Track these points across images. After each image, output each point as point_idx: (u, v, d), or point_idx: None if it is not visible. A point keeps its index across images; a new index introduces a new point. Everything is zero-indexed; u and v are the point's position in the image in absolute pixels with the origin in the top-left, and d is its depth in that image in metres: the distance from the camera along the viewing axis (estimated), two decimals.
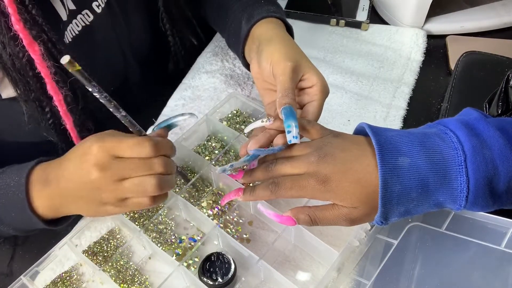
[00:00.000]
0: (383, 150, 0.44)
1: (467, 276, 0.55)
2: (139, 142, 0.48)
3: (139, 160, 0.48)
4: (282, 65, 0.55)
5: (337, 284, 0.56)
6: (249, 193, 0.50)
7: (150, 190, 0.48)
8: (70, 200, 0.52)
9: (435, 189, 0.43)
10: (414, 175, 0.43)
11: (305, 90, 0.57)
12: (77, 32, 0.62)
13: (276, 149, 0.50)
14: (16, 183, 0.54)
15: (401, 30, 0.90)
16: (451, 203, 0.43)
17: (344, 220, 0.46)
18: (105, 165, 0.48)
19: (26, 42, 0.51)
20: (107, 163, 0.48)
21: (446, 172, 0.43)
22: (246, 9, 0.68)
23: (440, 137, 0.45)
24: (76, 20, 0.62)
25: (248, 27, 0.65)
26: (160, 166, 0.49)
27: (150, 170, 0.48)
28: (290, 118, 0.49)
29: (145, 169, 0.48)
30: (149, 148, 0.48)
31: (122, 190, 0.49)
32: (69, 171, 0.51)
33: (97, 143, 0.48)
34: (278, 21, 0.66)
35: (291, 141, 0.48)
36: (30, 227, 0.56)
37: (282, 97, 0.52)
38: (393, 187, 0.42)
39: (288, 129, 0.49)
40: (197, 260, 0.60)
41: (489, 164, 0.42)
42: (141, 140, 0.48)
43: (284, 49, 0.57)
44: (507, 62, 0.75)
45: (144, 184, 0.48)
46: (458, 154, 0.42)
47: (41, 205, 0.54)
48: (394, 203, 0.43)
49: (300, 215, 0.47)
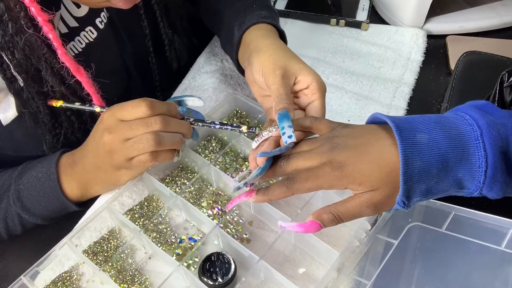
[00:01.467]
0: (400, 128, 0.43)
1: (467, 276, 0.55)
2: (136, 104, 0.54)
3: (139, 120, 0.54)
4: (272, 75, 0.56)
5: (337, 284, 0.56)
6: (264, 192, 0.49)
7: (147, 145, 0.53)
8: (93, 174, 0.59)
9: (455, 165, 0.43)
10: (434, 150, 0.42)
11: (302, 91, 0.57)
12: (80, 49, 0.63)
13: (283, 149, 0.50)
14: (45, 174, 0.60)
15: (401, 30, 0.90)
16: (470, 179, 0.43)
17: (367, 207, 0.45)
18: (112, 127, 0.54)
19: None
20: (114, 125, 0.54)
21: (464, 147, 0.43)
22: (238, 15, 0.69)
23: (454, 117, 0.45)
24: (79, 37, 0.63)
25: (240, 34, 0.65)
26: (156, 123, 0.53)
27: (147, 128, 0.53)
28: (283, 120, 0.50)
29: (143, 127, 0.53)
30: (144, 108, 0.53)
31: (127, 148, 0.54)
32: (89, 145, 0.59)
33: (108, 111, 0.56)
34: (269, 27, 0.66)
35: (287, 142, 0.48)
36: (61, 212, 0.63)
37: (276, 104, 0.53)
38: (414, 163, 0.42)
39: (282, 131, 0.49)
40: (197, 260, 0.60)
41: (504, 140, 0.42)
42: (138, 102, 0.54)
43: (273, 57, 0.58)
44: (507, 62, 0.75)
45: (142, 140, 0.53)
46: (474, 129, 0.43)
47: (70, 188, 0.61)
48: (415, 180, 0.43)
49: (323, 215, 0.46)
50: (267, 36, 0.63)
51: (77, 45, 0.63)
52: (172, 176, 0.68)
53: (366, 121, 0.51)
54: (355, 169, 0.45)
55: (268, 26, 0.65)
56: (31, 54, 0.55)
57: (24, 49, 0.54)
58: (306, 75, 0.56)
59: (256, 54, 0.60)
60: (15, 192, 0.61)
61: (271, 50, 0.60)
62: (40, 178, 0.61)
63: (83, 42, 0.63)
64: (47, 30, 0.53)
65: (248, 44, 0.64)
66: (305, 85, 0.56)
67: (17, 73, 0.56)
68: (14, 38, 0.52)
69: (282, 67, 0.56)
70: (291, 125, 0.49)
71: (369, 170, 0.44)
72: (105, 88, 0.63)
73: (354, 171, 0.45)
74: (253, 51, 0.61)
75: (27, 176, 0.61)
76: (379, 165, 0.44)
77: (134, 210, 0.65)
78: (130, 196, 0.67)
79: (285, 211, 0.60)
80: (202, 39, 0.90)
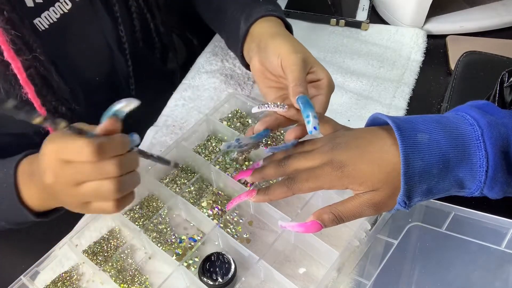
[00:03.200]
0: (401, 128, 0.43)
1: (467, 276, 0.55)
2: (81, 147, 0.43)
3: (89, 164, 0.44)
4: (292, 56, 0.54)
5: (337, 284, 0.56)
6: (264, 192, 0.49)
7: (108, 195, 0.45)
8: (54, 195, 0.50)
9: (456, 165, 0.43)
10: (434, 150, 0.42)
11: (313, 83, 0.57)
12: (55, 19, 0.61)
13: (289, 145, 0.49)
14: (4, 175, 0.54)
15: (401, 30, 0.90)
16: (471, 179, 0.43)
17: (368, 207, 0.45)
18: (56, 170, 0.45)
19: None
20: (59, 168, 0.45)
21: (465, 147, 0.43)
22: (244, 8, 0.68)
23: (454, 117, 0.45)
24: (54, 8, 0.61)
25: (247, 26, 0.65)
26: (114, 169, 0.44)
27: (103, 174, 0.44)
28: (308, 107, 0.48)
29: (98, 174, 0.44)
30: (91, 154, 0.43)
31: (81, 195, 0.46)
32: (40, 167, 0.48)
33: (49, 145, 0.46)
34: (278, 20, 0.65)
35: (312, 132, 0.47)
36: (21, 219, 0.56)
37: (295, 86, 0.51)
38: (414, 163, 0.42)
39: (307, 119, 0.47)
40: (197, 260, 0.60)
41: (504, 140, 0.42)
42: (83, 144, 0.43)
43: (290, 42, 0.57)
44: (507, 62, 0.75)
45: (101, 189, 0.45)
46: (474, 129, 0.43)
47: (30, 197, 0.54)
48: (416, 180, 0.42)
49: (324, 215, 0.46)
50: (279, 27, 0.63)
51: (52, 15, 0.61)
52: (172, 176, 0.68)
53: (366, 121, 0.51)
54: (355, 169, 0.45)
55: (276, 19, 0.65)
56: None
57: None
58: (320, 69, 0.56)
59: (271, 39, 0.58)
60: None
61: (287, 37, 0.59)
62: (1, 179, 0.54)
63: (58, 13, 0.62)
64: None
65: (258, 34, 0.63)
66: (317, 77, 0.56)
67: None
68: None
69: (302, 52, 0.55)
70: (316, 116, 0.47)
71: (370, 170, 0.44)
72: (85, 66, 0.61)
73: (354, 171, 0.45)
74: (266, 37, 0.60)
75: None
76: (379, 165, 0.44)
77: (134, 210, 0.65)
78: None
79: (285, 211, 0.60)
80: (202, 39, 0.90)
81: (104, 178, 0.45)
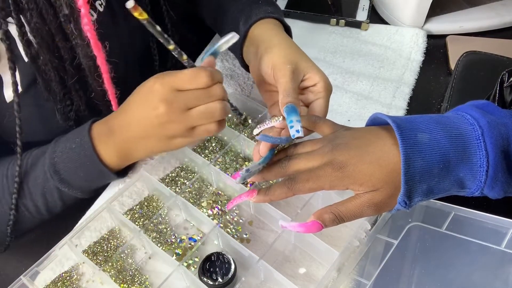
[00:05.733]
0: (402, 128, 0.44)
1: (467, 276, 0.55)
2: (196, 74, 0.52)
3: (200, 90, 0.52)
4: (282, 69, 0.56)
5: (337, 284, 0.56)
6: (264, 193, 0.49)
7: (217, 114, 0.53)
8: (138, 143, 0.57)
9: (456, 165, 0.43)
10: (435, 150, 0.42)
11: (309, 88, 0.57)
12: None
13: (284, 139, 0.50)
14: (79, 144, 0.59)
15: (401, 30, 0.90)
16: (471, 179, 0.43)
17: (368, 207, 0.45)
18: (170, 98, 0.52)
19: None
20: (172, 96, 0.52)
21: (465, 147, 0.43)
22: (243, 10, 0.68)
23: (454, 117, 0.45)
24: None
25: (246, 28, 0.65)
26: (220, 92, 0.53)
27: (212, 97, 0.52)
28: (292, 114, 0.50)
29: (209, 97, 0.52)
30: (206, 78, 0.52)
31: (190, 119, 0.53)
32: (134, 114, 0.55)
33: (159, 81, 0.52)
34: (276, 22, 0.66)
35: (295, 136, 0.48)
36: (100, 182, 0.63)
37: (284, 97, 0.53)
38: (415, 162, 0.42)
39: (290, 124, 0.49)
40: (197, 260, 0.60)
41: (505, 139, 0.42)
42: (197, 72, 0.52)
43: (283, 52, 0.58)
44: (507, 62, 0.75)
45: (211, 110, 0.52)
46: (475, 129, 0.43)
47: (109, 156, 0.59)
48: (416, 180, 0.43)
49: (324, 215, 0.46)
50: (276, 31, 0.63)
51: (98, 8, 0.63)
52: (172, 176, 0.68)
53: (366, 121, 0.51)
54: (356, 169, 0.45)
55: (275, 21, 0.65)
56: (48, 19, 0.54)
57: (41, 12, 0.53)
58: (315, 74, 0.56)
59: (267, 48, 0.59)
60: (51, 166, 0.59)
61: (283, 45, 0.60)
62: (75, 149, 0.59)
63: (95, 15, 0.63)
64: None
65: (256, 38, 0.63)
66: (312, 83, 0.57)
67: (33, 37, 0.55)
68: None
69: (293, 63, 0.56)
70: (300, 120, 0.49)
71: (370, 170, 0.44)
72: None
73: (355, 172, 0.45)
74: (263, 44, 0.61)
75: (60, 149, 0.60)
76: (380, 165, 0.44)
77: (134, 210, 0.65)
78: (130, 196, 0.67)
79: (285, 211, 0.60)
80: (201, 39, 0.90)
81: (213, 101, 0.53)
